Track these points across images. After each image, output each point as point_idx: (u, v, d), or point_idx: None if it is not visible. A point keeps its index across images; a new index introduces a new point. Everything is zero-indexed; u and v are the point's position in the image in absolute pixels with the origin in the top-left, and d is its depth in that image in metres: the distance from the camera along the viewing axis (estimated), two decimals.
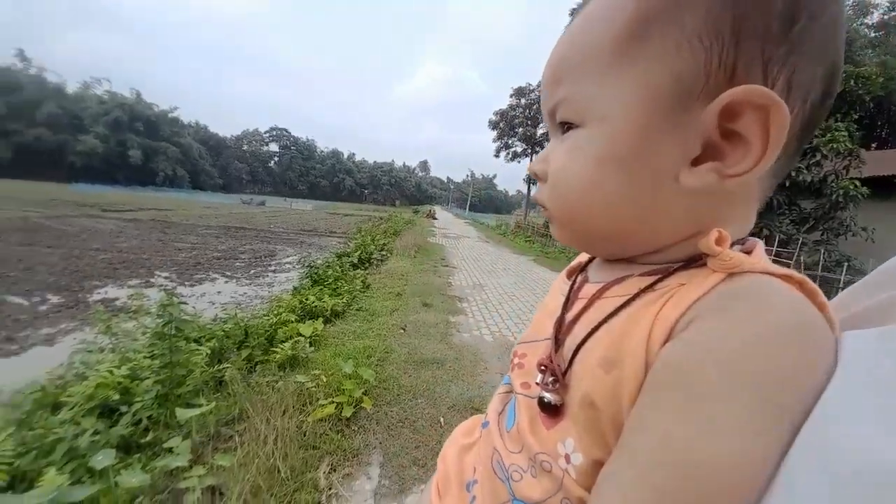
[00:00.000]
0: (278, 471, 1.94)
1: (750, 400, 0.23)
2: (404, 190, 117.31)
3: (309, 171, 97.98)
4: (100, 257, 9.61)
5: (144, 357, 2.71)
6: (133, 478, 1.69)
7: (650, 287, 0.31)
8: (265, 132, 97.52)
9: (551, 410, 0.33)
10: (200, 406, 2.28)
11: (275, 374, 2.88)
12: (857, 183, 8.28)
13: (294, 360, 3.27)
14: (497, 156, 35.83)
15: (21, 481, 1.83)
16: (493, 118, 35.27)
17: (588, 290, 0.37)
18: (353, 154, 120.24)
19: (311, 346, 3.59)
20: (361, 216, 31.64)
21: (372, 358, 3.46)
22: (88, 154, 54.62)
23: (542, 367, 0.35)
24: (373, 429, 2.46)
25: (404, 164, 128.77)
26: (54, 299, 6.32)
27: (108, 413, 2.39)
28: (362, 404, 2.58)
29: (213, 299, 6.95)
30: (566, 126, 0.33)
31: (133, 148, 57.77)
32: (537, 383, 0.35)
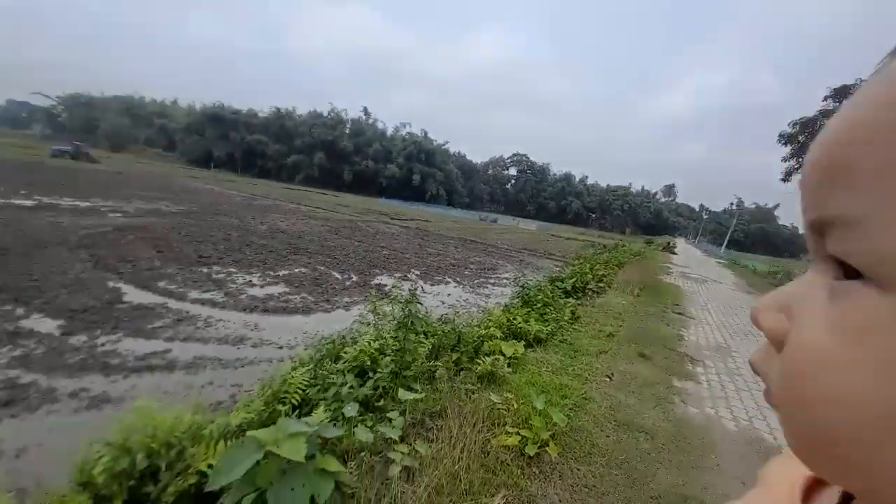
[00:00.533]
0: (459, 479, 2.08)
1: None
2: (638, 217, 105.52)
3: (539, 194, 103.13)
4: (382, 252, 13.15)
5: (391, 337, 3.51)
6: (363, 434, 2.20)
7: None
8: (507, 158, 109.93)
9: None
10: (416, 392, 2.75)
11: (474, 383, 3.13)
12: None
13: (492, 376, 3.46)
14: (787, 180, 27.11)
15: (304, 405, 2.71)
16: (789, 130, 26.98)
17: None
18: (586, 177, 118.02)
19: (509, 366, 3.71)
20: (583, 241, 30.53)
21: (567, 400, 3.24)
22: (390, 178, 76.73)
23: None
24: (554, 481, 2.29)
25: (643, 188, 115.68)
26: (354, 278, 9.07)
27: (361, 374, 3.22)
28: (547, 448, 2.44)
29: (444, 300, 8.30)
30: (842, 267, 0.20)
31: (416, 173, 77.08)
32: None
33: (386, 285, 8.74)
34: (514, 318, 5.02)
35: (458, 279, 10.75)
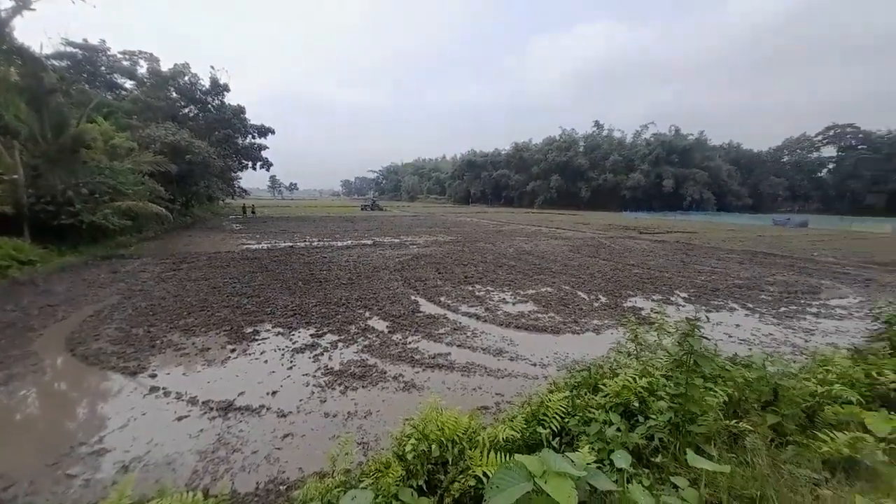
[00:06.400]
0: None
1: None
2: None
3: (889, 177, 66.08)
4: (633, 271, 11.67)
5: (662, 375, 2.85)
6: (641, 496, 1.76)
7: None
8: (816, 135, 77.04)
9: None
10: (712, 459, 2.04)
11: (817, 470, 2.05)
12: None
13: (851, 464, 2.19)
14: None
15: (564, 434, 2.47)
16: None
17: None
18: None
19: (884, 453, 2.26)
20: None
21: None
22: (634, 188, 68.92)
23: None
24: None
25: None
26: (603, 299, 8.37)
27: (628, 415, 2.72)
28: None
29: (729, 332, 6.35)
30: None
31: (667, 178, 66.00)
32: None
33: (643, 309, 7.57)
34: (880, 371, 3.15)
35: (749, 304, 8.09)
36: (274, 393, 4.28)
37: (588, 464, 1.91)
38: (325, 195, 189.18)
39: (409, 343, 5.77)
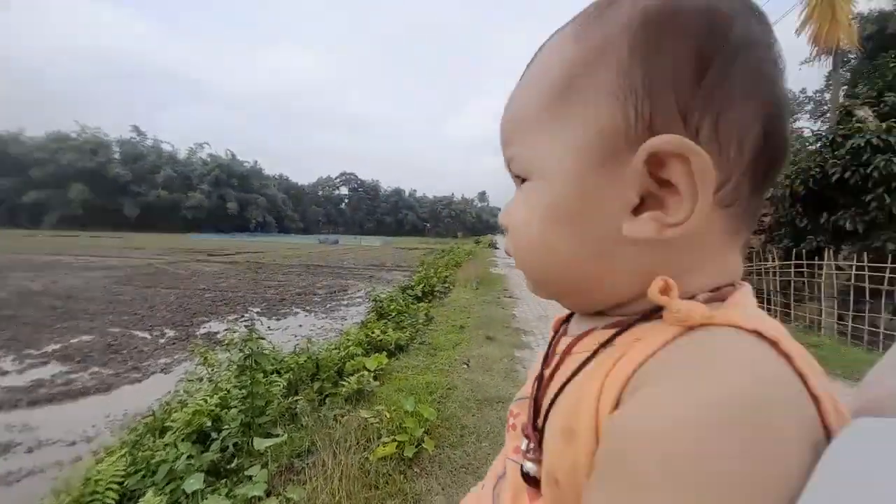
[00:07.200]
0: None
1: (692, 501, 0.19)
2: (464, 221, 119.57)
3: (375, 210, 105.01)
4: (206, 296, 11.04)
5: (234, 387, 3.01)
6: None
7: (609, 342, 0.29)
8: (336, 177, 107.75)
9: (533, 483, 0.31)
10: (276, 436, 2.45)
11: (342, 407, 3.00)
12: None
13: (360, 394, 3.38)
14: None
15: (129, 499, 2.09)
16: None
17: (562, 344, 0.35)
18: (415, 190, 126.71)
19: (375, 379, 3.69)
20: (424, 249, 32.66)
21: (434, 395, 3.44)
22: (196, 208, 64.70)
23: (525, 433, 0.34)
24: (435, 472, 2.41)
25: (463, 197, 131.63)
26: (170, 333, 7.34)
27: (203, 438, 2.67)
28: (424, 445, 2.55)
29: (295, 332, 7.55)
30: (521, 179, 0.34)
31: (230, 201, 67.33)
32: (522, 450, 0.33)
33: (218, 332, 7.39)
34: (371, 332, 5.01)
35: (307, 307, 9.97)
36: None
37: None
38: None
39: None
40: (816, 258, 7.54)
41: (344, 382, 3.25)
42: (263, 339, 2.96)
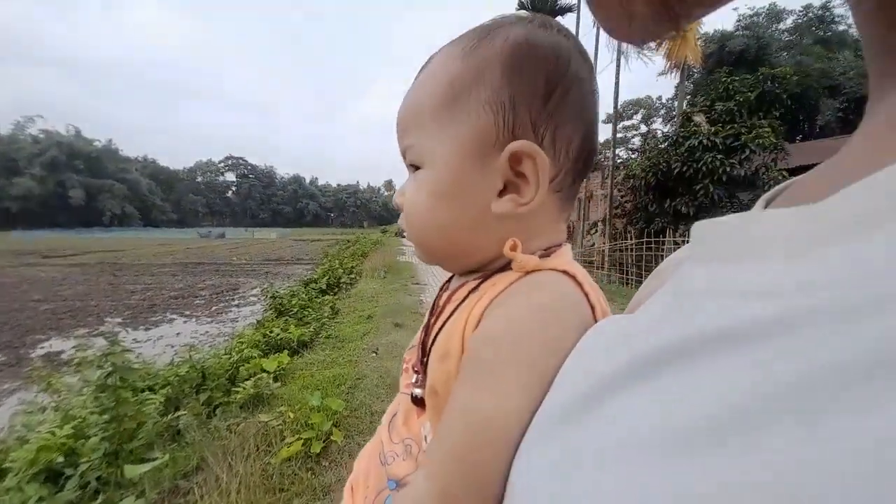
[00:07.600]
0: None
1: (518, 369, 0.30)
2: (371, 211, 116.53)
3: (270, 199, 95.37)
4: (42, 308, 8.86)
5: (91, 413, 2.50)
6: None
7: (475, 289, 0.39)
8: (219, 162, 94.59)
9: (419, 403, 0.40)
10: (154, 460, 2.13)
11: (237, 415, 2.74)
12: (786, 173, 9.11)
13: (258, 399, 3.12)
14: None
15: None
16: None
17: (444, 298, 0.45)
18: (316, 178, 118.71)
19: (275, 381, 3.44)
20: (329, 240, 31.06)
21: (342, 387, 3.37)
22: (24, 198, 50.66)
23: (415, 370, 0.43)
24: (345, 462, 2.38)
25: (369, 185, 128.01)
26: None
27: (55, 477, 2.18)
28: (332, 437, 2.49)
29: (171, 342, 6.54)
30: (414, 167, 0.42)
31: (74, 188, 53.99)
32: (412, 383, 0.42)
33: (63, 351, 6.01)
34: (270, 332, 4.63)
35: (187, 312, 8.71)
36: None
37: None
38: None
39: None
40: (662, 236, 9.34)
41: (238, 389, 2.96)
42: (129, 351, 2.51)
